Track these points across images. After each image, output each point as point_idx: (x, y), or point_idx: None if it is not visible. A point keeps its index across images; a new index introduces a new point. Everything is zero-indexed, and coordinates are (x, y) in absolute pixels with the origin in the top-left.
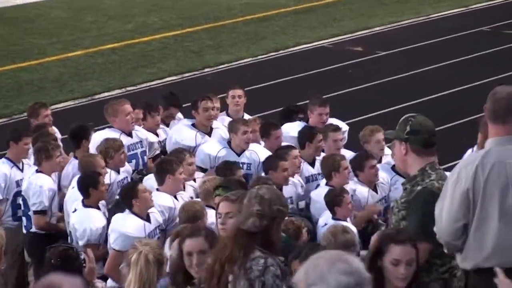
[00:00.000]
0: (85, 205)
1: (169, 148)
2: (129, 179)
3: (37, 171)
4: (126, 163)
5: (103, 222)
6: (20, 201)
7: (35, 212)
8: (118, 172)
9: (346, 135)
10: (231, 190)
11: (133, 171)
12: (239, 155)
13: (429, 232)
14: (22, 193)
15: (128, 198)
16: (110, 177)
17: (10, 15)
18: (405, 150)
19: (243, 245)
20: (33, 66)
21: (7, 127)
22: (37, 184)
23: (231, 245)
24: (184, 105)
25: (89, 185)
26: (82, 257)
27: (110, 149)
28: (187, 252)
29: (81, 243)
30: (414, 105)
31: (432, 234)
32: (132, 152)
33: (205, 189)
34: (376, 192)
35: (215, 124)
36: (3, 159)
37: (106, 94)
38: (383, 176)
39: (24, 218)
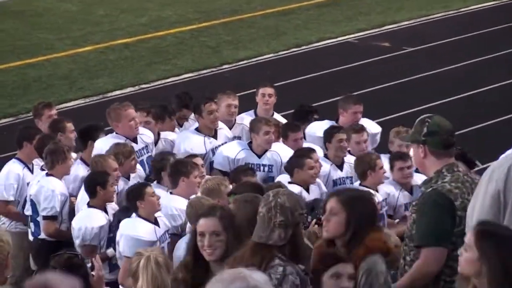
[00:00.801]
0: (90, 205)
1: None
2: None
3: (47, 174)
4: (140, 168)
5: (102, 222)
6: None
7: (45, 218)
8: (128, 178)
9: (378, 137)
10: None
11: None
12: (259, 156)
13: (440, 235)
14: (31, 197)
15: (134, 199)
16: (118, 185)
17: (16, 8)
18: (423, 153)
19: (265, 257)
20: (41, 62)
21: (13, 127)
22: (49, 188)
23: (251, 257)
24: None
25: (97, 183)
26: (89, 265)
27: (119, 155)
28: (200, 232)
29: (77, 242)
30: (443, 104)
31: (442, 237)
32: (138, 159)
33: (206, 187)
34: (411, 194)
35: (219, 124)
36: (13, 159)
37: (118, 92)
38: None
39: (32, 224)
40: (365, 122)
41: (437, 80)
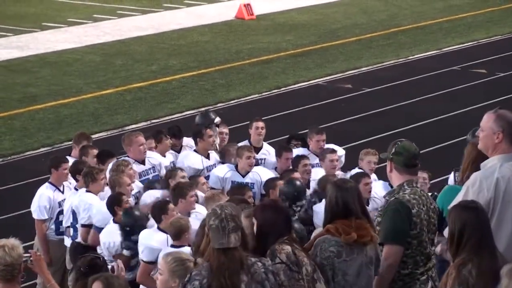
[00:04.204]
0: (114, 221)
1: None
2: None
3: (86, 191)
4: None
5: None
6: (62, 218)
7: (83, 225)
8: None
9: (343, 158)
10: None
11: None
12: (243, 176)
13: (398, 235)
14: (73, 207)
15: (159, 214)
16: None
17: (51, 59)
18: (390, 168)
19: (239, 260)
20: (72, 102)
21: (50, 155)
22: (87, 202)
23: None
24: None
25: (114, 204)
26: (110, 266)
27: (121, 166)
28: None
29: (105, 253)
30: (395, 134)
31: (399, 237)
32: (143, 178)
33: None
34: (367, 205)
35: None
36: (46, 184)
37: (133, 126)
38: (377, 191)
39: (71, 229)
40: (331, 146)
41: (389, 115)
